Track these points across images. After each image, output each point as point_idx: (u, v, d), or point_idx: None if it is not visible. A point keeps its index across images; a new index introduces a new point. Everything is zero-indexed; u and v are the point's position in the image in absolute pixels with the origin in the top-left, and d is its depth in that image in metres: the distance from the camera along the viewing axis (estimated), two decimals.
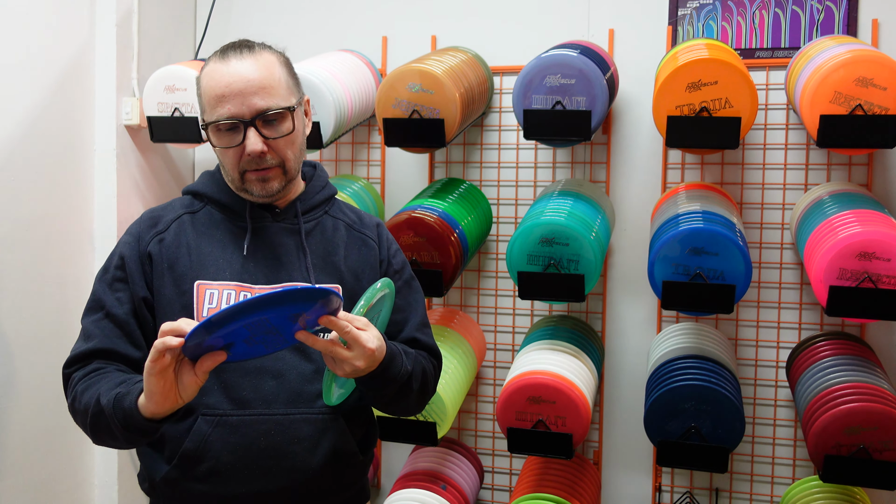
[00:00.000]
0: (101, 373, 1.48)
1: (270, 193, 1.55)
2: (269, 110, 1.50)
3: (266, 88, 1.50)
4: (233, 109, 1.49)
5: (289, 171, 1.56)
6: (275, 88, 1.51)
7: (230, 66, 1.50)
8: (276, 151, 1.52)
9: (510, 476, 2.72)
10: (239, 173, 1.53)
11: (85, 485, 2.63)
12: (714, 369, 2.16)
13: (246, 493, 1.51)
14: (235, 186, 1.58)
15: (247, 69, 1.50)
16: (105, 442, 1.46)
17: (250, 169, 1.52)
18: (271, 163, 1.52)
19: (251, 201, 1.59)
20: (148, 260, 1.56)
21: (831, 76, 1.98)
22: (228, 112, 1.49)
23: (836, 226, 2.00)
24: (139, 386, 1.36)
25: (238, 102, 1.49)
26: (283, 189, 1.56)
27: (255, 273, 1.55)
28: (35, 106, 2.43)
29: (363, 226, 1.70)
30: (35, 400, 2.43)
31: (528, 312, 2.68)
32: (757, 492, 2.51)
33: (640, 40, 2.53)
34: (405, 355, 1.55)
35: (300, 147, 1.58)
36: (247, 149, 1.49)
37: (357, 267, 1.64)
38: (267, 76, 1.51)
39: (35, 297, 2.44)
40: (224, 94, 1.49)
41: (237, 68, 1.50)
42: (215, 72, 1.51)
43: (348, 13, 2.79)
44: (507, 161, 2.66)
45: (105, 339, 1.51)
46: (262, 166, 1.52)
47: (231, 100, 1.48)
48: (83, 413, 1.45)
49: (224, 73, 1.50)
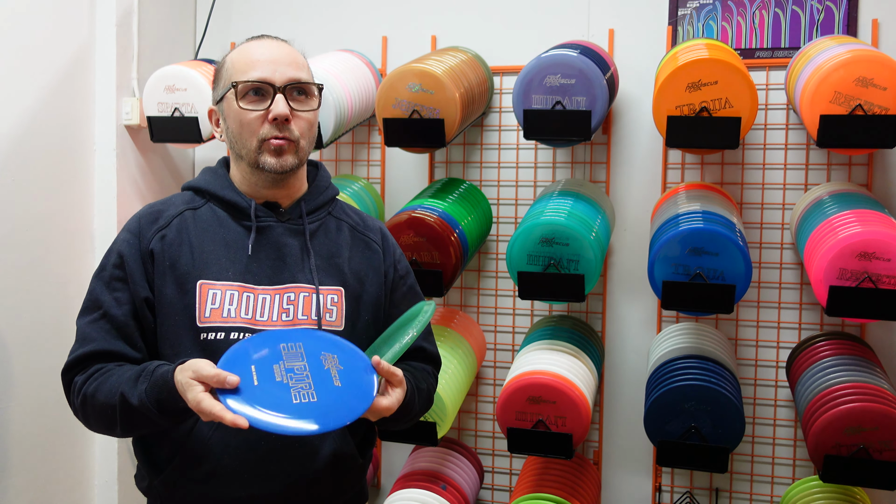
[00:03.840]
0: (104, 371, 1.47)
1: (284, 168, 1.53)
2: (301, 81, 1.53)
3: (298, 64, 1.56)
4: (266, 73, 1.51)
5: (301, 150, 1.55)
6: (305, 68, 1.57)
7: (264, 42, 1.56)
8: (297, 124, 1.53)
9: (510, 476, 2.72)
10: (258, 140, 1.52)
11: (85, 485, 2.63)
12: (714, 369, 2.16)
13: (245, 495, 1.50)
14: (249, 161, 1.54)
15: (280, 46, 1.57)
16: (137, 432, 1.48)
17: (270, 136, 1.51)
18: (293, 133, 1.53)
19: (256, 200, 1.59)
20: (150, 258, 1.52)
21: (831, 76, 1.98)
22: (261, 75, 1.51)
23: (836, 226, 2.00)
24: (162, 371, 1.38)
25: (271, 69, 1.52)
26: (294, 169, 1.55)
27: (259, 274, 1.53)
28: (35, 106, 2.43)
29: (367, 228, 1.70)
30: (35, 400, 2.43)
31: (528, 312, 2.68)
32: (757, 492, 2.51)
33: (640, 40, 2.53)
34: (417, 394, 1.57)
35: (313, 136, 1.59)
36: (273, 111, 1.50)
37: (360, 269, 1.63)
38: (298, 56, 1.58)
39: (35, 296, 2.44)
40: (259, 60, 1.52)
41: (272, 44, 1.56)
42: (249, 47, 1.56)
43: (348, 13, 2.79)
44: (507, 161, 2.66)
45: (103, 342, 1.49)
46: (283, 134, 1.51)
47: (265, 66, 1.52)
48: (101, 410, 1.44)
49: (258, 46, 1.55)
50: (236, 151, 1.57)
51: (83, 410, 1.48)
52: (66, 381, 1.52)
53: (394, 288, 1.68)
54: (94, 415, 1.46)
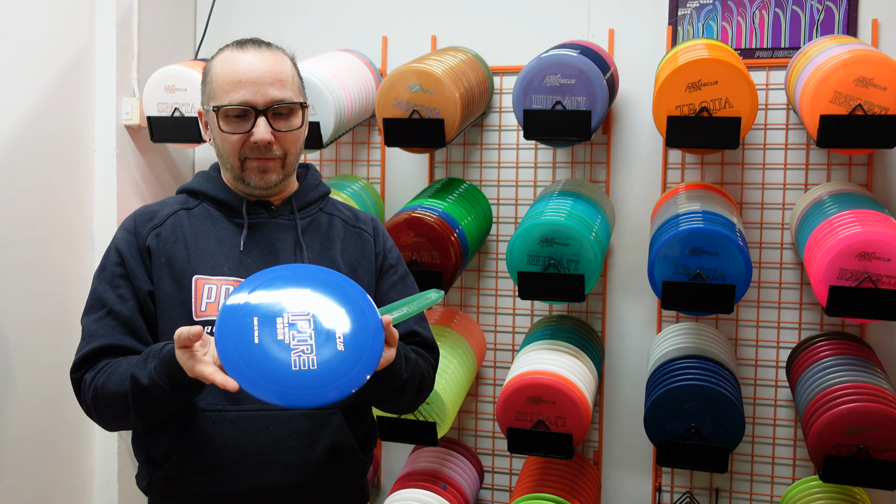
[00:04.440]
0: (112, 364, 1.47)
1: (268, 186, 1.56)
2: (283, 102, 1.52)
3: (282, 81, 1.53)
4: (247, 96, 1.51)
5: (287, 165, 1.57)
6: (289, 84, 1.55)
7: (248, 55, 1.53)
8: (281, 144, 1.54)
9: (510, 476, 2.72)
10: (239, 160, 1.54)
11: (85, 485, 2.63)
12: (714, 369, 2.16)
13: (244, 489, 1.51)
14: (234, 175, 1.57)
15: (264, 60, 1.53)
16: (153, 416, 1.46)
17: (252, 157, 1.53)
18: (275, 154, 1.54)
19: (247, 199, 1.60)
20: (147, 254, 1.55)
21: (831, 76, 1.98)
22: (242, 98, 1.51)
23: (836, 226, 2.00)
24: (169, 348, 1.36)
25: (253, 90, 1.51)
26: (279, 183, 1.57)
27: (253, 268, 1.54)
28: (35, 106, 2.43)
29: (358, 220, 1.71)
30: (35, 400, 2.42)
31: (528, 312, 2.68)
32: (757, 492, 2.51)
33: (640, 40, 2.53)
34: (405, 362, 1.54)
35: (301, 146, 1.60)
36: (254, 136, 1.51)
37: (353, 260, 1.65)
38: (282, 70, 1.55)
39: (35, 296, 2.43)
40: (240, 80, 1.51)
41: (255, 58, 1.53)
42: (232, 59, 1.54)
43: (348, 13, 2.79)
44: (507, 161, 2.66)
45: (110, 337, 1.50)
46: (265, 156, 1.53)
47: (246, 87, 1.50)
48: (113, 399, 1.43)
49: (241, 60, 1.53)
50: (222, 163, 1.61)
51: (95, 405, 1.48)
52: (74, 380, 1.53)
53: (381, 275, 1.69)
54: (107, 406, 1.46)
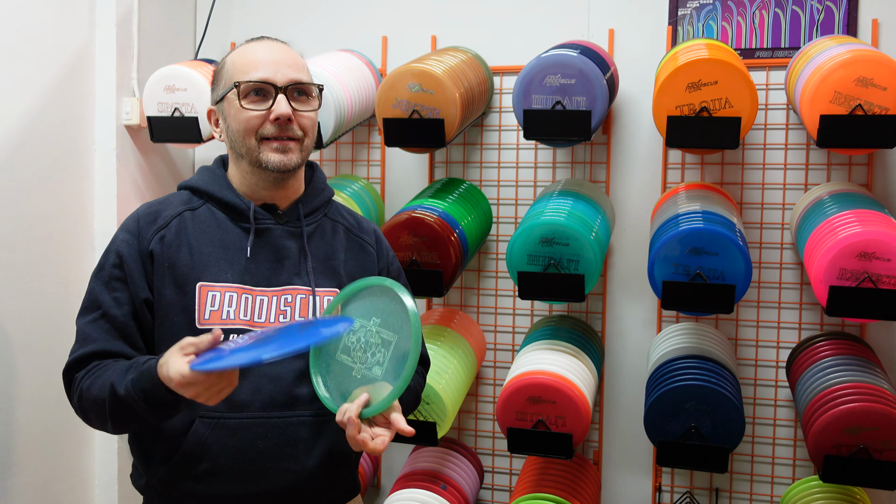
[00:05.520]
0: (101, 367, 1.47)
1: (288, 167, 1.54)
2: (302, 82, 1.55)
3: (298, 66, 1.57)
4: (268, 74, 1.52)
5: (304, 149, 1.57)
6: (305, 69, 1.59)
7: (264, 44, 1.58)
8: (300, 123, 1.55)
9: (510, 476, 2.72)
10: (257, 140, 1.53)
11: (85, 485, 2.63)
12: (714, 369, 2.16)
13: (242, 493, 1.51)
14: (249, 160, 1.55)
15: (281, 48, 1.58)
16: (127, 428, 1.47)
17: (271, 136, 1.52)
18: (296, 133, 1.54)
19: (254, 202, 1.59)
20: (150, 259, 1.52)
21: (831, 76, 1.98)
22: (263, 75, 1.52)
23: (836, 226, 2.00)
24: (151, 363, 1.37)
25: (273, 69, 1.53)
26: (297, 168, 1.56)
27: (257, 275, 1.54)
28: (35, 106, 2.43)
29: (361, 230, 1.71)
30: (35, 400, 2.43)
31: (528, 312, 2.68)
32: (757, 492, 2.51)
33: (640, 40, 2.53)
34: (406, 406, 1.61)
35: (315, 132, 1.61)
36: (275, 111, 1.51)
37: (355, 271, 1.65)
38: (298, 58, 1.59)
39: (35, 296, 2.44)
40: (260, 60, 1.53)
41: (272, 45, 1.58)
42: (249, 48, 1.57)
43: (348, 13, 2.79)
44: (507, 161, 2.66)
45: (103, 342, 1.49)
46: (285, 133, 1.53)
47: (267, 66, 1.53)
48: (94, 404, 1.44)
49: (259, 48, 1.57)
50: (237, 151, 1.57)
51: (81, 406, 1.49)
52: (66, 380, 1.53)
53: None
54: (90, 409, 1.47)
